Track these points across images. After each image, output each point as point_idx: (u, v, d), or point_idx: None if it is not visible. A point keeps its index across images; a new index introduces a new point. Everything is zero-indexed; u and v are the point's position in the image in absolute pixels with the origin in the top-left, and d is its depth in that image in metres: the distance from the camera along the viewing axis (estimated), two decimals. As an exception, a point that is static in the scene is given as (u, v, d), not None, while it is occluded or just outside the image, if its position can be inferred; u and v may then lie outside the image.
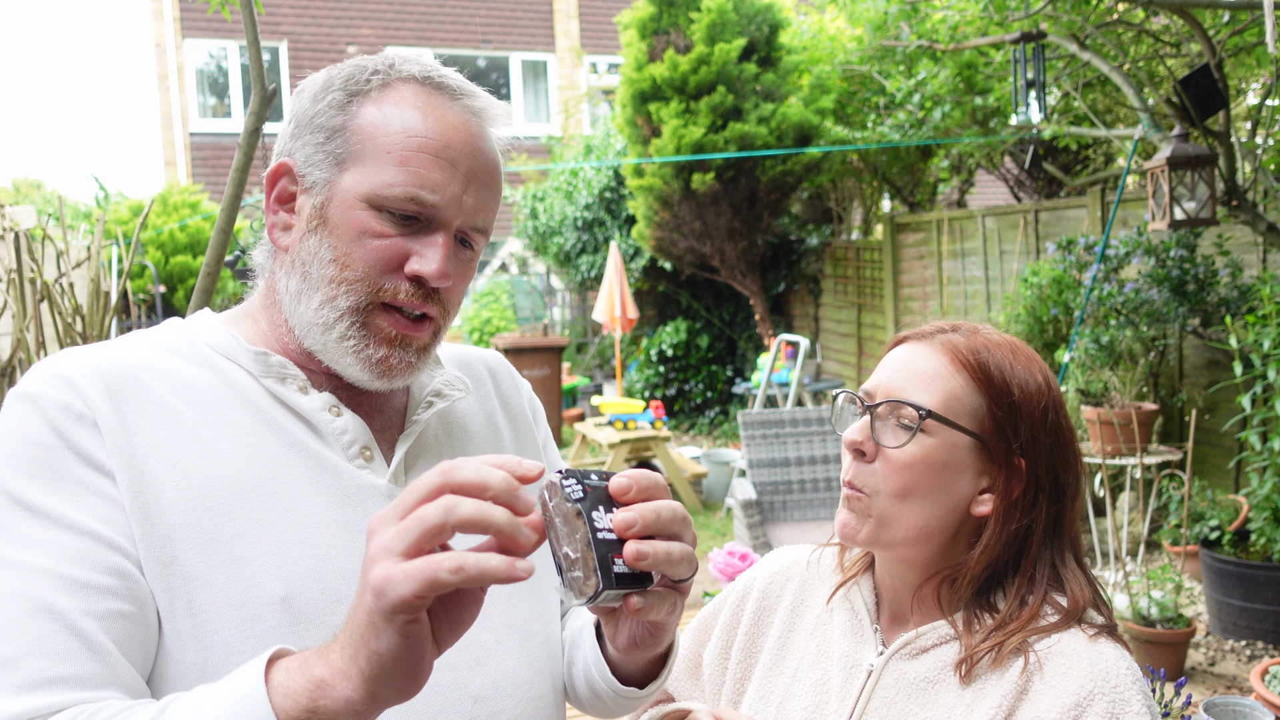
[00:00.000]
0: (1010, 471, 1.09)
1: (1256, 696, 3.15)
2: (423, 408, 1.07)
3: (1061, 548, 1.11)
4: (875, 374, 1.16)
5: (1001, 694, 1.02)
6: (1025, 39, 5.18)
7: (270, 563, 0.89)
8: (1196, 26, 4.52)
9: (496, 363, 1.25)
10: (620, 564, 0.72)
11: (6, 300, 2.67)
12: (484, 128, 1.00)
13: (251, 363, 0.98)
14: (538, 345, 9.43)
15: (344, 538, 0.94)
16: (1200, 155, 4.32)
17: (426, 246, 0.95)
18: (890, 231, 8.72)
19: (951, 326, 1.16)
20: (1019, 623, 1.06)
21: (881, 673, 1.12)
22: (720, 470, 7.43)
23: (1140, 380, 5.11)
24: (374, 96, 0.96)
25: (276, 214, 1.00)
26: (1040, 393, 1.11)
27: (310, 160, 0.97)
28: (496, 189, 1.01)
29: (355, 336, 0.96)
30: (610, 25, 15.07)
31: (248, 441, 0.94)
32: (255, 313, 1.04)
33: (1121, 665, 1.02)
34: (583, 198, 11.02)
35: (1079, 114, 7.04)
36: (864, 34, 7.60)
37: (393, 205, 0.93)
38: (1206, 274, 4.90)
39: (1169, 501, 4.86)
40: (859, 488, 1.11)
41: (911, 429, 1.07)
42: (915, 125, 7.58)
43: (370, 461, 1.00)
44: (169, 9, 13.95)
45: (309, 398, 0.98)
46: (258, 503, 0.91)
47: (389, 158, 0.94)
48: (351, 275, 0.94)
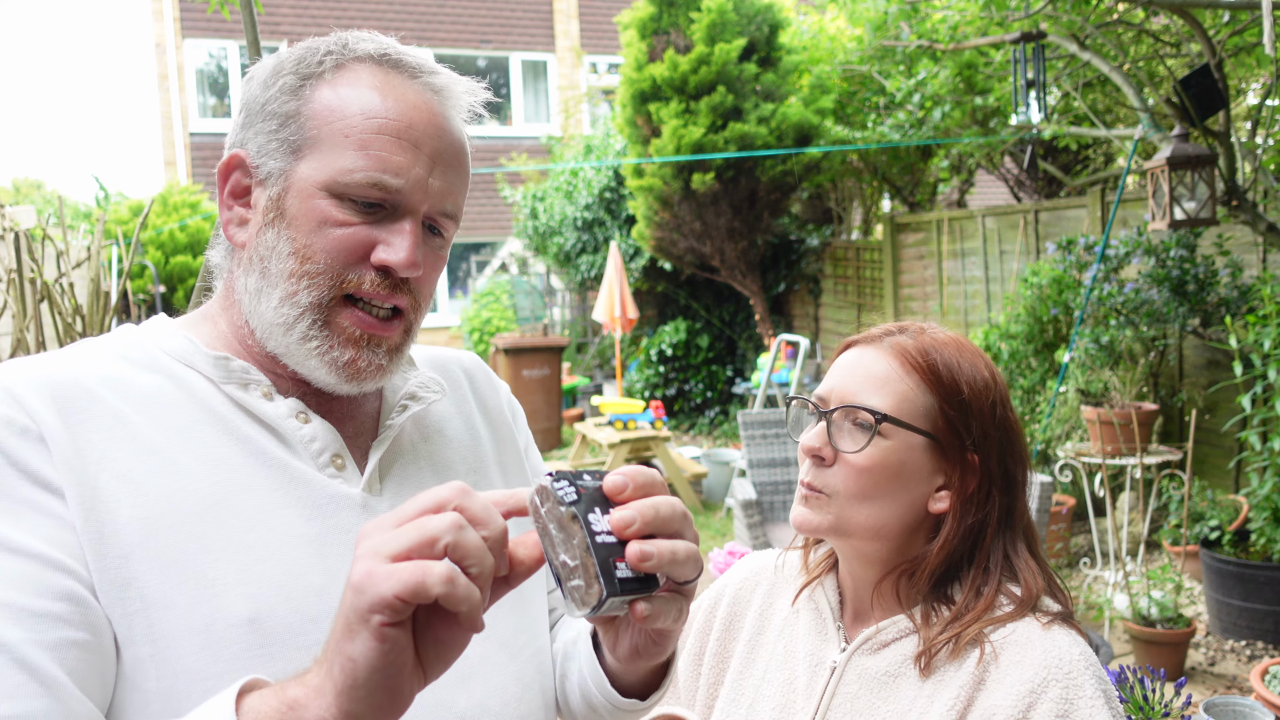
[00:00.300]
0: (964, 468, 1.12)
1: (1256, 696, 3.15)
2: (397, 411, 1.01)
3: (1014, 538, 1.14)
4: (827, 379, 1.18)
5: (959, 685, 1.05)
6: (1025, 39, 5.18)
7: (236, 581, 0.84)
8: (1196, 26, 4.52)
9: (473, 364, 1.20)
10: (623, 568, 0.68)
11: (6, 300, 2.67)
12: (446, 106, 0.95)
13: (211, 368, 0.93)
14: (538, 345, 9.43)
15: (315, 552, 0.89)
16: (1200, 155, 4.32)
17: (393, 234, 0.91)
18: (890, 231, 8.72)
19: (899, 328, 1.18)
20: (974, 614, 1.09)
21: (845, 669, 1.14)
22: (720, 470, 7.43)
23: (1140, 380, 5.11)
24: (328, 79, 0.91)
25: (231, 209, 0.95)
26: (988, 388, 1.14)
27: (264, 150, 0.92)
28: (464, 171, 0.97)
29: (318, 337, 0.91)
30: (610, 25, 15.08)
31: (209, 452, 0.88)
32: (214, 315, 0.99)
33: (1074, 651, 1.04)
34: (583, 198, 11.02)
35: (1079, 114, 7.04)
36: (864, 34, 7.60)
37: (354, 192, 0.89)
38: (1206, 274, 4.90)
39: (1169, 501, 4.86)
40: (819, 488, 1.13)
41: (868, 433, 1.10)
42: (915, 125, 7.58)
43: (342, 470, 0.94)
44: (169, 9, 13.95)
45: (274, 404, 0.93)
46: (221, 518, 0.86)
47: (347, 142, 0.89)
48: (312, 268, 0.89)
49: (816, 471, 1.13)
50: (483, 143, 14.86)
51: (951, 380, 1.12)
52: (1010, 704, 1.01)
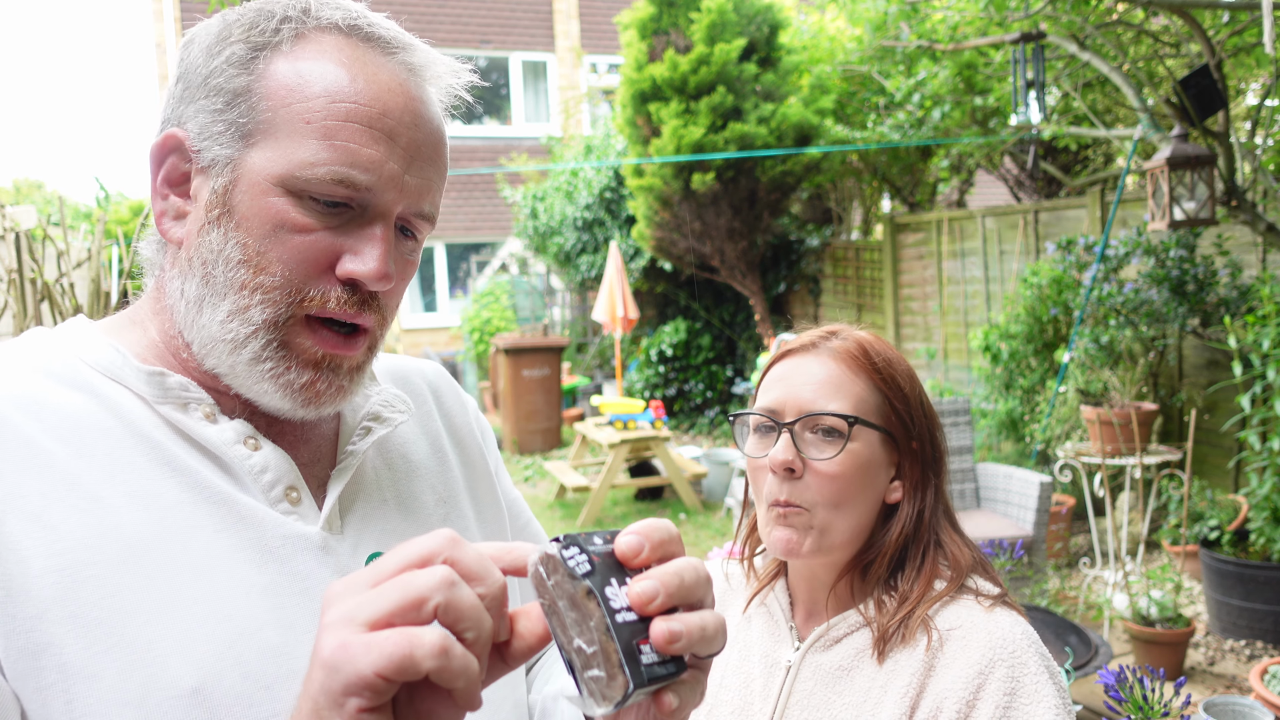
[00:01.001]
0: (910, 456, 1.18)
1: (1256, 696, 3.15)
2: (358, 435, 0.88)
3: (940, 515, 1.19)
4: (770, 391, 1.19)
5: (911, 671, 1.08)
6: (1025, 39, 5.18)
7: (176, 644, 0.70)
8: (1196, 27, 4.52)
9: (437, 376, 1.06)
10: (648, 651, 0.57)
11: (7, 300, 2.68)
12: (425, 89, 0.82)
13: (144, 386, 0.79)
14: (538, 345, 9.43)
15: (270, 604, 0.75)
16: (1200, 155, 4.32)
17: (362, 241, 0.78)
18: (890, 231, 8.72)
19: (829, 332, 1.21)
20: (918, 594, 1.13)
21: (799, 667, 1.16)
22: (720, 470, 7.43)
23: (1140, 380, 5.11)
24: (285, 50, 0.77)
25: (166, 199, 0.81)
26: (913, 378, 1.21)
27: (206, 132, 0.78)
28: (443, 165, 0.84)
29: (273, 358, 0.78)
30: (610, 25, 15.08)
31: (141, 487, 0.74)
32: (143, 319, 0.85)
33: (1017, 631, 1.08)
34: (583, 198, 11.02)
35: (1079, 114, 7.04)
36: (864, 34, 7.60)
37: (316, 190, 0.75)
38: (1206, 274, 4.90)
39: (1168, 501, 4.86)
40: (797, 504, 1.14)
41: (841, 439, 1.13)
42: (915, 125, 7.58)
43: (297, 505, 0.81)
44: (169, 9, 13.96)
45: (218, 427, 0.79)
46: (156, 567, 0.71)
47: (308, 129, 0.75)
48: (268, 281, 0.76)
49: (790, 487, 1.14)
50: (483, 143, 14.88)
51: (891, 376, 1.17)
52: (960, 687, 1.04)
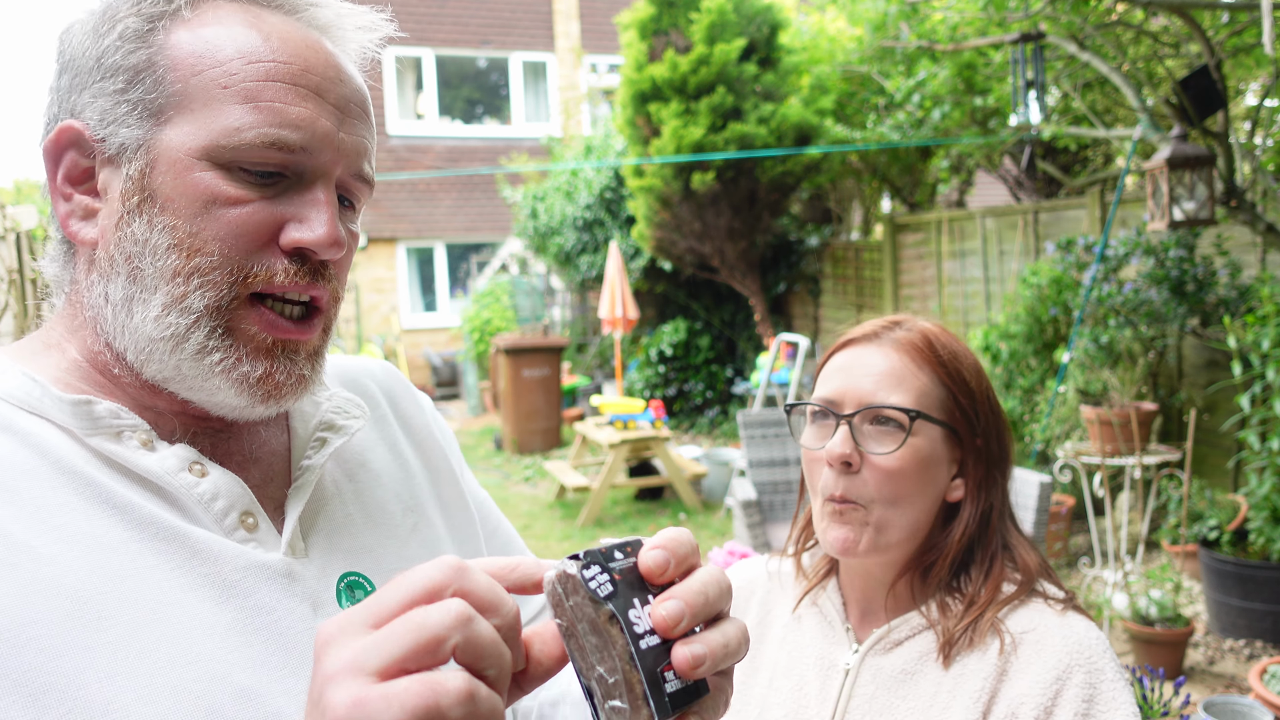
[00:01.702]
0: (975, 454, 1.13)
1: (1255, 696, 3.16)
2: (312, 448, 0.81)
3: (1006, 516, 1.16)
4: (830, 381, 1.15)
5: (983, 676, 1.05)
6: (1025, 39, 5.18)
7: (137, 700, 0.62)
8: (1195, 27, 4.52)
9: (387, 376, 0.98)
10: (671, 678, 0.54)
11: (8, 300, 2.68)
12: (340, 45, 0.77)
13: (69, 417, 0.70)
14: (538, 345, 9.43)
15: (235, 643, 0.68)
16: (1199, 156, 4.33)
17: (305, 207, 0.72)
18: (890, 232, 8.72)
19: (892, 322, 1.17)
20: (986, 598, 1.09)
21: (859, 670, 1.13)
22: (720, 470, 7.44)
23: (1139, 380, 5.11)
24: (185, 18, 0.71)
25: (70, 199, 0.73)
26: (980, 372, 1.16)
27: (108, 117, 0.71)
28: (373, 124, 0.78)
29: (221, 349, 0.71)
30: (610, 25, 15.08)
31: (77, 530, 0.66)
32: (59, 341, 0.76)
33: (1092, 635, 1.06)
34: (583, 198, 11.03)
35: (1078, 114, 7.05)
36: (864, 34, 7.60)
37: (247, 157, 0.69)
38: (1205, 274, 4.91)
39: (1168, 501, 4.86)
40: (852, 499, 1.10)
41: (901, 432, 1.08)
42: (915, 125, 7.58)
43: (254, 531, 0.74)
44: (169, 9, 13.95)
45: (158, 455, 0.71)
46: (107, 618, 0.64)
47: (227, 94, 0.69)
48: (204, 262, 0.70)
49: (847, 481, 1.09)
50: (483, 143, 14.88)
51: (957, 370, 1.13)
52: (1038, 692, 1.01)
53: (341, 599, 0.76)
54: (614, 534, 6.58)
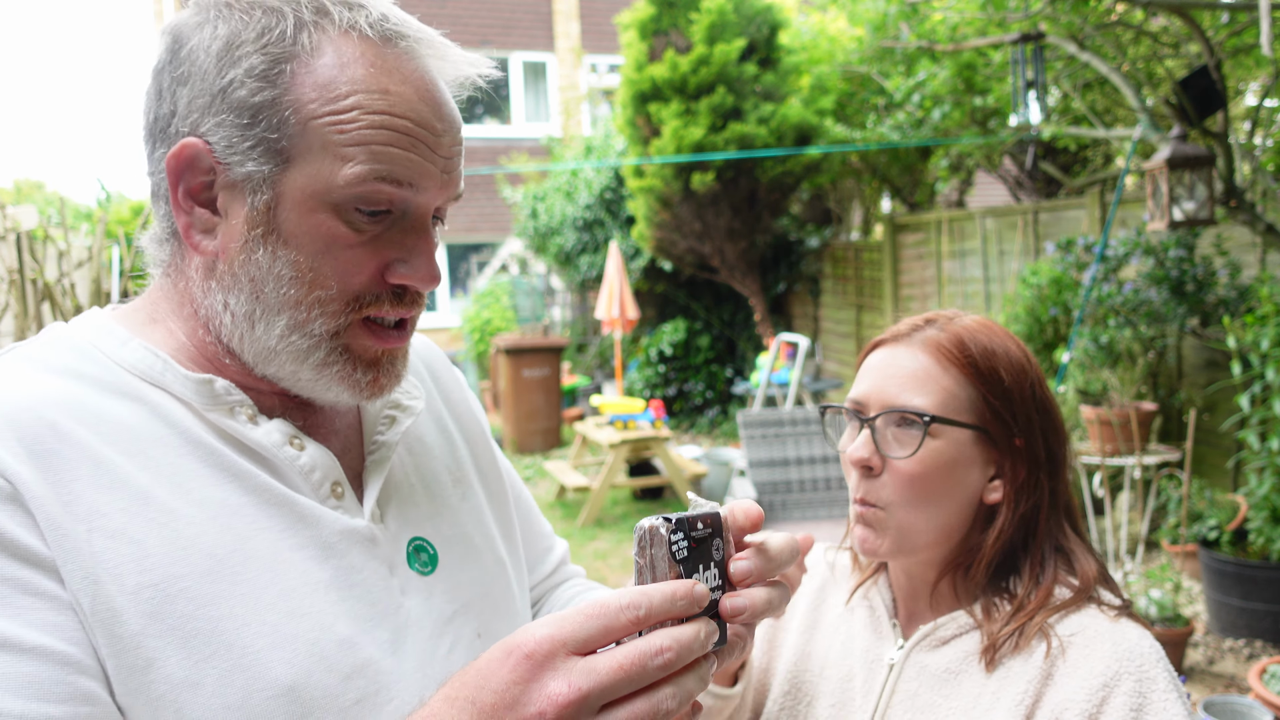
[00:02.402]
0: (1014, 455, 1.10)
1: (1255, 695, 3.16)
2: (383, 424, 0.91)
3: (1061, 521, 1.12)
4: (860, 382, 1.14)
5: (1027, 679, 1.02)
6: (1025, 39, 5.18)
7: (268, 646, 0.73)
8: (1195, 27, 4.53)
9: (430, 353, 1.08)
10: None
11: (8, 300, 2.68)
12: (443, 80, 0.83)
13: (191, 393, 0.79)
14: (538, 345, 9.43)
15: (335, 598, 0.78)
16: (1199, 156, 4.33)
17: (410, 248, 0.80)
18: (890, 232, 8.72)
19: (925, 320, 1.14)
20: (1036, 603, 1.06)
21: (903, 666, 1.12)
22: (720, 470, 7.44)
23: (1139, 380, 5.11)
24: (306, 60, 0.76)
25: (191, 211, 0.79)
26: (1024, 370, 1.11)
27: (233, 147, 0.76)
28: (462, 148, 0.84)
29: (339, 362, 0.80)
30: (610, 25, 15.08)
31: (207, 495, 0.75)
32: (165, 319, 0.84)
33: (1145, 644, 1.02)
34: (583, 198, 11.03)
35: (1078, 114, 7.05)
36: (864, 34, 7.60)
37: (360, 202, 0.76)
38: (1205, 274, 4.91)
39: (1168, 501, 4.87)
40: (873, 502, 1.09)
41: (918, 435, 1.06)
42: (915, 125, 7.58)
43: (342, 499, 0.84)
44: (169, 9, 13.96)
45: (264, 429, 0.81)
46: (239, 573, 0.74)
47: (343, 140, 0.75)
48: (325, 294, 0.78)
49: (868, 484, 1.09)
50: (483, 143, 14.87)
51: (990, 368, 1.09)
52: (1084, 697, 0.98)
53: (410, 561, 0.87)
54: (613, 534, 6.59)
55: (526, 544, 1.12)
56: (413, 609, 0.84)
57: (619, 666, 0.60)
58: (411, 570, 0.86)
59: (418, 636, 0.83)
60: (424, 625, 0.84)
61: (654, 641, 0.61)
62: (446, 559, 0.90)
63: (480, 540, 0.96)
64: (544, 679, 0.60)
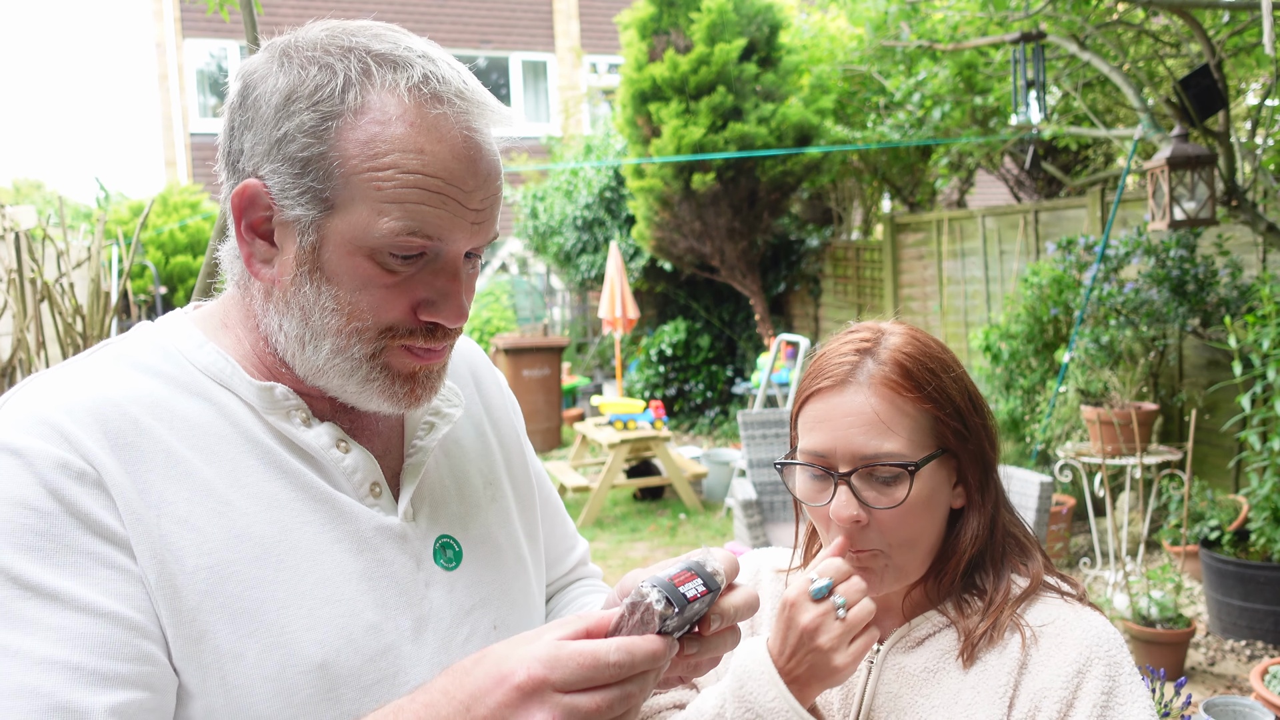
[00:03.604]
0: (969, 458, 1.12)
1: (1256, 696, 3.15)
2: (423, 430, 1.00)
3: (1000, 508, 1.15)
4: (815, 434, 1.10)
5: (1005, 670, 1.06)
6: (1025, 39, 5.18)
7: (304, 627, 0.84)
8: (1196, 27, 4.52)
9: (475, 357, 1.16)
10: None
11: (7, 300, 2.67)
12: (484, 137, 0.88)
13: (254, 397, 0.90)
14: (538, 345, 9.43)
15: (366, 588, 0.88)
16: (1200, 155, 4.32)
17: (439, 291, 0.88)
18: (890, 231, 8.72)
19: (855, 351, 1.10)
20: (1002, 597, 1.10)
21: (881, 667, 1.13)
22: (720, 470, 7.43)
23: (1140, 380, 5.11)
24: (350, 119, 0.83)
25: (252, 243, 0.89)
26: (960, 378, 1.13)
27: (286, 192, 0.85)
28: (499, 194, 0.91)
29: (379, 378, 0.89)
30: (610, 25, 15.07)
31: (261, 490, 0.86)
32: (234, 325, 0.95)
33: (1109, 629, 1.08)
34: (583, 198, 11.02)
35: (1079, 114, 7.04)
36: (864, 34, 7.60)
37: (396, 249, 0.85)
38: (1206, 274, 4.90)
39: (1169, 501, 4.86)
40: (868, 549, 1.09)
41: (899, 482, 1.06)
42: (915, 125, 7.58)
43: (379, 498, 0.94)
44: (169, 9, 13.95)
45: (314, 432, 0.91)
46: (282, 561, 0.84)
47: (380, 196, 0.83)
48: (361, 325, 0.87)
49: (859, 536, 1.08)
50: (483, 143, 14.85)
51: (938, 388, 1.09)
52: (1060, 684, 1.03)
53: (436, 557, 0.96)
54: (613, 534, 6.58)
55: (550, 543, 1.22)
56: (435, 600, 0.93)
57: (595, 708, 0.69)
58: (437, 565, 0.95)
59: (438, 625, 0.93)
60: (444, 616, 0.94)
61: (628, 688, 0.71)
62: (471, 556, 0.99)
63: (504, 540, 1.04)
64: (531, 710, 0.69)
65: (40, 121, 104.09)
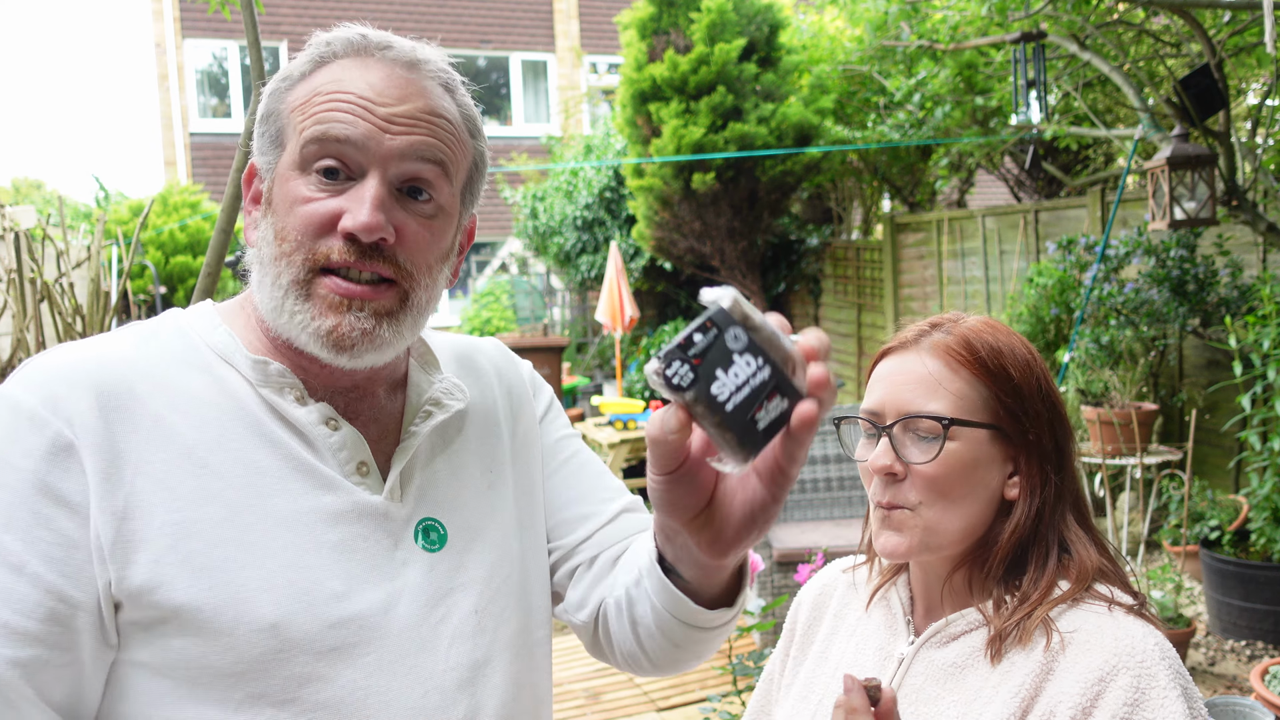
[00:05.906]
0: (1028, 450, 1.12)
1: (1256, 696, 3.15)
2: (420, 418, 1.03)
3: (1066, 514, 1.14)
4: (873, 391, 1.16)
5: (1026, 672, 1.03)
6: (1025, 39, 5.18)
7: (261, 588, 0.87)
8: (1196, 26, 4.52)
9: (498, 353, 1.20)
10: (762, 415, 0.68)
11: (6, 300, 2.67)
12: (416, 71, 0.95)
13: (250, 371, 0.94)
14: (538, 345, 9.42)
15: (335, 559, 0.92)
16: (1200, 155, 4.32)
17: (353, 200, 0.90)
18: (890, 231, 8.71)
19: (931, 325, 1.16)
20: (1039, 595, 1.08)
21: (912, 661, 1.14)
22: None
23: (1140, 380, 5.11)
24: (308, 75, 0.95)
25: (250, 214, 0.99)
26: (1030, 366, 1.14)
27: (260, 151, 0.97)
28: (442, 131, 0.94)
29: (302, 310, 0.91)
30: (610, 25, 15.07)
31: (243, 456, 0.91)
32: (247, 307, 1.01)
33: (1149, 641, 1.02)
34: (583, 198, 11.02)
35: (1079, 114, 7.04)
36: (864, 34, 7.60)
37: (311, 159, 0.91)
38: (1206, 274, 4.90)
39: (1169, 501, 4.86)
40: (899, 504, 1.11)
41: (937, 440, 1.08)
42: (915, 125, 7.58)
43: (366, 476, 0.97)
44: (169, 9, 13.95)
45: (306, 410, 0.95)
46: (250, 524, 0.88)
47: (305, 121, 0.91)
48: (288, 247, 0.91)
49: (893, 489, 1.11)
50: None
51: (999, 367, 1.11)
52: (1077, 691, 0.99)
53: (418, 538, 0.98)
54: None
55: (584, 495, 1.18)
56: (411, 578, 0.96)
57: None
58: (417, 545, 0.97)
59: (412, 603, 0.95)
60: (420, 594, 0.96)
61: None
62: (456, 540, 1.01)
63: (494, 528, 1.05)
64: None
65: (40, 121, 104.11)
